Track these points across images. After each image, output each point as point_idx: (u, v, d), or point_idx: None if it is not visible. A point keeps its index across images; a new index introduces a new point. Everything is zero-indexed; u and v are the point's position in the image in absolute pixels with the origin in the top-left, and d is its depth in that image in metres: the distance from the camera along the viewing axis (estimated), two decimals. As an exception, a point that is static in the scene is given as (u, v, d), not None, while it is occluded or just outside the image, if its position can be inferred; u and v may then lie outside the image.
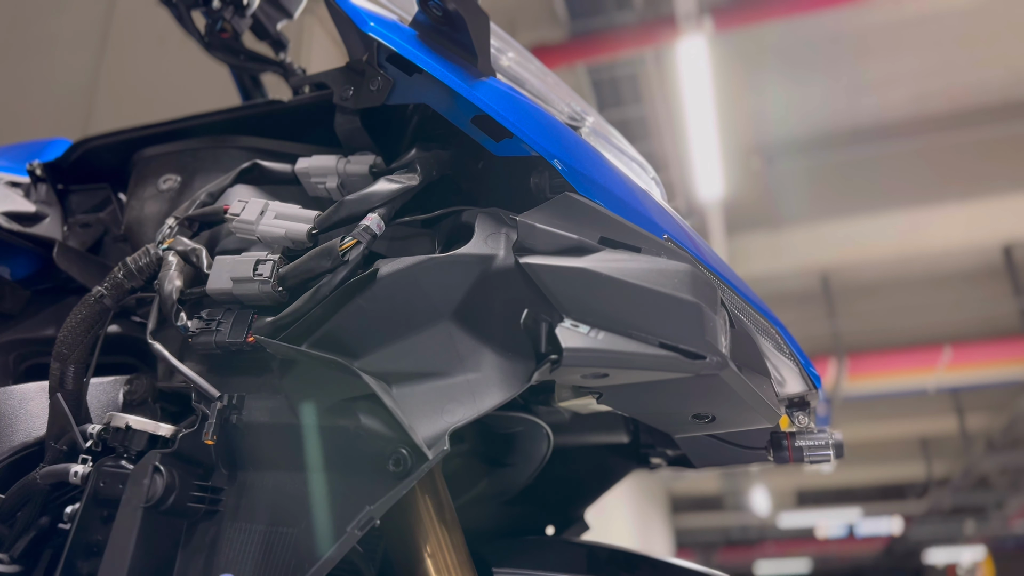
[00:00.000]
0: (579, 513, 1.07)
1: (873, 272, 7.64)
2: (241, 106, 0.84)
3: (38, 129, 2.29)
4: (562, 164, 0.64)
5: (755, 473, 11.36)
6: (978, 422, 10.09)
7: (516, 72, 0.75)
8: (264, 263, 0.63)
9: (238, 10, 1.01)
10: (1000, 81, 5.67)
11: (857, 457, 11.24)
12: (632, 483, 8.50)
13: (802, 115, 6.04)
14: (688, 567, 0.81)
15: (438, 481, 0.75)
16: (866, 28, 5.19)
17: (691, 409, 0.64)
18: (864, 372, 7.69)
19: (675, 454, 0.97)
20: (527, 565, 0.82)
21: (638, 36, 4.71)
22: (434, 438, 0.59)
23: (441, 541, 0.71)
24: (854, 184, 6.48)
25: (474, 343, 0.63)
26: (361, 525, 0.58)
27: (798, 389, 0.70)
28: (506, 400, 0.60)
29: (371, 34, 0.68)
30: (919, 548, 14.36)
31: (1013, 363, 7.33)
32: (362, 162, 0.70)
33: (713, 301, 0.59)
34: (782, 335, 0.70)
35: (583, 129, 0.74)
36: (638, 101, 5.49)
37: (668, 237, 0.64)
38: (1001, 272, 7.30)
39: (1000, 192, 6.28)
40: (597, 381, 0.60)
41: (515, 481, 0.95)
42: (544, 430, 0.90)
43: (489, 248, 0.62)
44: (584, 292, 0.58)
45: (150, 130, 0.84)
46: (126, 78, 2.89)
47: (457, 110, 0.66)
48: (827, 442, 0.73)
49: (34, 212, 0.84)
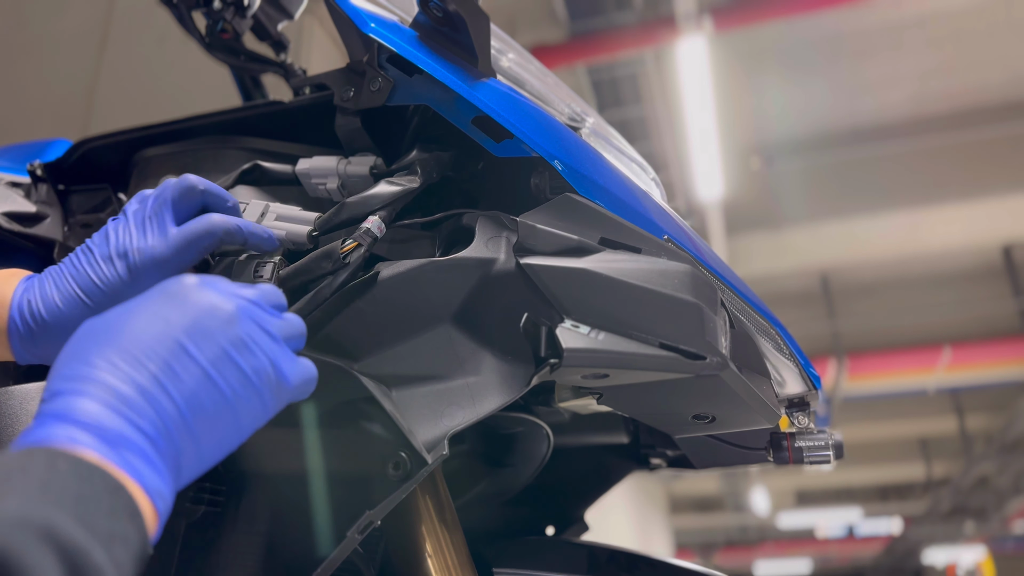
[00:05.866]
0: (579, 513, 1.07)
1: (873, 272, 7.64)
2: (242, 107, 0.84)
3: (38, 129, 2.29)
4: (562, 165, 0.64)
5: (755, 473, 11.36)
6: (978, 422, 10.09)
7: (516, 73, 0.75)
8: (264, 265, 0.63)
9: (239, 11, 1.01)
10: (1000, 81, 5.67)
11: (857, 457, 11.25)
12: (632, 483, 8.50)
13: (802, 115, 6.04)
14: (688, 567, 0.81)
15: (438, 481, 0.75)
16: (866, 28, 5.19)
17: (691, 409, 0.65)
18: (864, 372, 7.69)
19: (675, 454, 0.97)
20: (527, 565, 0.82)
21: (638, 36, 4.71)
22: (433, 442, 0.59)
23: (441, 541, 0.71)
24: (854, 184, 6.48)
25: (474, 346, 0.63)
26: (361, 529, 0.58)
27: (798, 390, 0.71)
28: (505, 404, 0.61)
29: (371, 35, 0.68)
30: (919, 548, 14.36)
31: (1013, 363, 7.33)
32: (363, 163, 0.70)
33: (713, 302, 0.60)
34: (782, 336, 0.70)
35: (583, 130, 0.74)
36: (638, 101, 5.49)
37: (668, 238, 0.64)
38: (1001, 272, 7.30)
39: (1000, 192, 6.28)
40: (597, 382, 0.60)
41: (515, 481, 0.95)
42: (544, 430, 0.90)
43: (489, 252, 0.63)
44: (584, 293, 0.58)
45: (151, 130, 0.84)
46: (126, 78, 2.89)
47: (457, 111, 0.66)
48: (827, 443, 0.73)
49: (35, 212, 0.84)
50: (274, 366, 0.46)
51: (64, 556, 0.32)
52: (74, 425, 0.38)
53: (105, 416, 0.38)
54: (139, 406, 0.40)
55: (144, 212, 0.60)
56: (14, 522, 0.31)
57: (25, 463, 0.34)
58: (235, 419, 0.44)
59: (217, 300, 0.45)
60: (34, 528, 0.31)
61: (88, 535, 0.33)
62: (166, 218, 0.59)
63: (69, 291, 0.57)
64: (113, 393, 0.39)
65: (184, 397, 0.41)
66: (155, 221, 0.59)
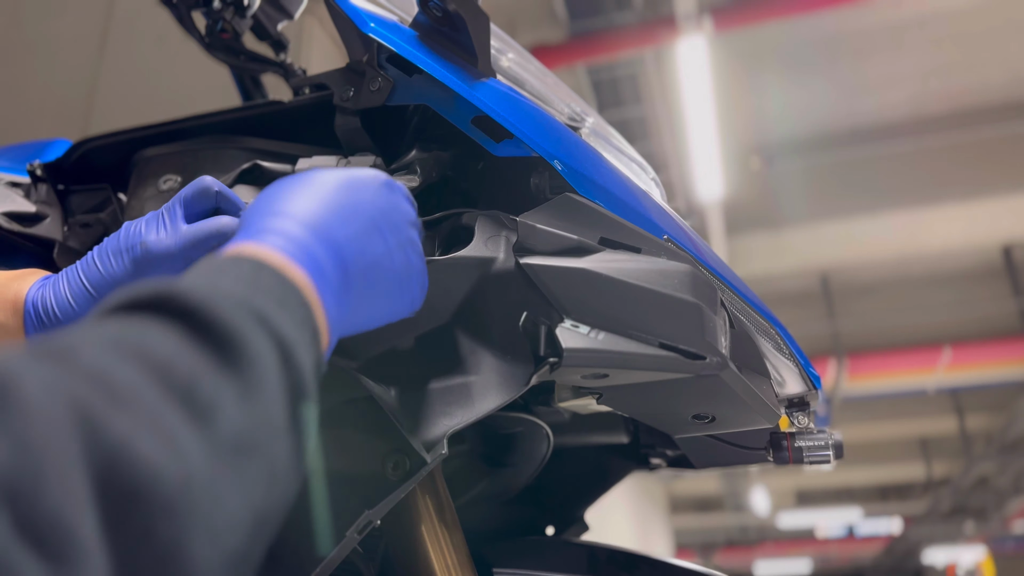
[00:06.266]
0: (579, 513, 1.07)
1: (873, 272, 7.64)
2: (241, 106, 0.84)
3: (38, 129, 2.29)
4: (562, 165, 0.64)
5: (755, 473, 11.36)
6: (978, 422, 10.09)
7: (516, 73, 0.75)
8: (264, 264, 0.63)
9: (238, 11, 1.01)
10: (1000, 81, 5.67)
11: (857, 457, 11.25)
12: (632, 483, 8.50)
13: (802, 115, 6.04)
14: (688, 567, 0.81)
15: (438, 481, 0.75)
16: (866, 28, 5.19)
17: (691, 409, 0.65)
18: (864, 372, 7.68)
19: (675, 454, 0.97)
20: (527, 565, 0.82)
21: (638, 36, 4.71)
22: (432, 441, 0.59)
23: (441, 541, 0.71)
24: (854, 184, 6.48)
25: (473, 345, 0.63)
26: (360, 528, 0.58)
27: (798, 389, 0.71)
28: (504, 403, 0.61)
29: (371, 35, 0.68)
30: (919, 548, 14.36)
31: (1013, 363, 7.32)
32: (362, 163, 0.70)
33: (713, 302, 0.60)
34: (782, 335, 0.70)
35: (583, 130, 0.74)
36: (638, 101, 5.49)
37: (668, 238, 0.64)
38: (1001, 272, 7.30)
39: (1000, 192, 6.28)
40: (597, 381, 0.60)
41: (515, 481, 0.95)
42: (544, 430, 0.90)
43: (489, 251, 0.63)
44: (584, 292, 0.58)
45: (150, 130, 0.84)
46: (126, 78, 2.89)
47: (457, 111, 0.66)
48: (827, 442, 0.73)
49: (34, 212, 0.84)
50: (420, 273, 0.53)
51: (277, 343, 0.34)
52: (278, 243, 0.41)
53: (309, 245, 0.42)
54: (334, 254, 0.44)
55: (158, 209, 0.61)
56: (236, 302, 0.33)
57: (234, 264, 0.37)
58: (389, 302, 0.50)
59: (406, 206, 0.53)
60: (253, 312, 0.34)
61: (292, 333, 0.35)
62: (177, 215, 0.60)
63: (79, 286, 0.58)
64: (316, 234, 0.43)
65: (370, 264, 0.47)
66: (166, 217, 0.60)
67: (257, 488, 0.30)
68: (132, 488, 0.25)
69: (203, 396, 0.29)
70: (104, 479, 0.24)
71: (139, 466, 0.25)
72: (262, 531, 0.31)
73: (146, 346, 0.29)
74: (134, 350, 0.29)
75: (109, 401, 0.26)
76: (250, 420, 0.31)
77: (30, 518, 0.22)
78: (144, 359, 0.28)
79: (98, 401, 0.26)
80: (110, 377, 0.27)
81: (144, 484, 0.25)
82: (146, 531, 0.25)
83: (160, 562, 0.25)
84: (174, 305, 0.31)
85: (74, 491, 0.23)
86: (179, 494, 0.26)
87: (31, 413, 0.23)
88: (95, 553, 0.23)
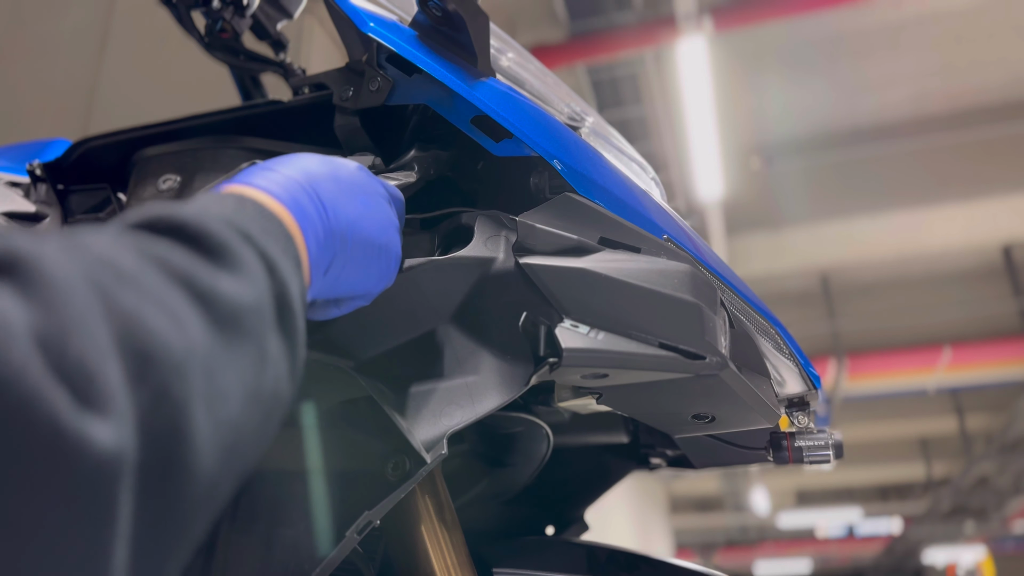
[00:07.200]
0: (579, 513, 1.07)
1: (873, 272, 7.64)
2: (241, 106, 0.84)
3: (38, 129, 2.29)
4: (562, 164, 0.64)
5: (755, 473, 11.36)
6: (978, 422, 10.09)
7: (516, 72, 0.75)
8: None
9: (238, 10, 1.01)
10: (1000, 81, 5.67)
11: (857, 457, 11.25)
12: (632, 483, 8.50)
13: (802, 115, 6.04)
14: (688, 567, 0.81)
15: (438, 481, 0.75)
16: (866, 28, 5.19)
17: (691, 409, 0.64)
18: (864, 372, 7.69)
19: (675, 454, 0.97)
20: (527, 565, 0.82)
21: (638, 36, 4.71)
22: (432, 441, 0.59)
23: (441, 541, 0.71)
24: (854, 184, 6.48)
25: (472, 346, 0.63)
26: (360, 529, 0.58)
27: (798, 389, 0.71)
28: (504, 403, 0.60)
29: (371, 34, 0.68)
30: (919, 548, 14.36)
31: (1013, 363, 7.33)
32: (362, 162, 0.70)
33: (713, 301, 0.60)
34: (782, 335, 0.70)
35: (583, 129, 0.74)
36: (638, 101, 5.49)
37: (668, 237, 0.64)
38: (1001, 272, 7.30)
39: (1000, 192, 6.28)
40: (597, 381, 0.60)
41: (515, 481, 0.95)
42: (544, 430, 0.90)
43: (488, 251, 0.62)
44: (584, 292, 0.58)
45: (150, 130, 0.84)
46: (126, 78, 2.89)
47: (457, 110, 0.66)
48: (827, 442, 0.73)
49: (34, 212, 0.84)
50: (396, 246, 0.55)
51: (261, 257, 0.36)
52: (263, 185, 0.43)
53: (293, 189, 0.45)
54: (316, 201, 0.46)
55: None
56: (220, 219, 0.36)
57: (218, 198, 0.40)
58: (366, 269, 0.52)
59: (383, 187, 0.57)
60: (237, 228, 0.36)
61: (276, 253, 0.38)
62: None
63: None
64: (299, 184, 0.46)
65: (349, 222, 0.49)
66: None
67: (248, 368, 0.33)
68: (148, 350, 0.27)
69: (200, 284, 0.32)
70: (123, 338, 0.27)
71: (152, 331, 0.28)
72: (251, 413, 0.33)
73: (144, 245, 0.32)
74: (135, 247, 0.31)
75: (118, 280, 0.28)
76: (241, 308, 0.33)
77: (61, 362, 0.24)
78: (144, 254, 0.31)
79: (109, 279, 0.28)
80: (117, 263, 0.29)
81: (157, 347, 0.27)
82: (164, 389, 0.27)
83: (169, 421, 0.27)
84: (164, 223, 0.34)
85: (99, 345, 0.25)
86: (186, 360, 0.28)
87: (53, 281, 0.25)
88: (120, 399, 0.25)
